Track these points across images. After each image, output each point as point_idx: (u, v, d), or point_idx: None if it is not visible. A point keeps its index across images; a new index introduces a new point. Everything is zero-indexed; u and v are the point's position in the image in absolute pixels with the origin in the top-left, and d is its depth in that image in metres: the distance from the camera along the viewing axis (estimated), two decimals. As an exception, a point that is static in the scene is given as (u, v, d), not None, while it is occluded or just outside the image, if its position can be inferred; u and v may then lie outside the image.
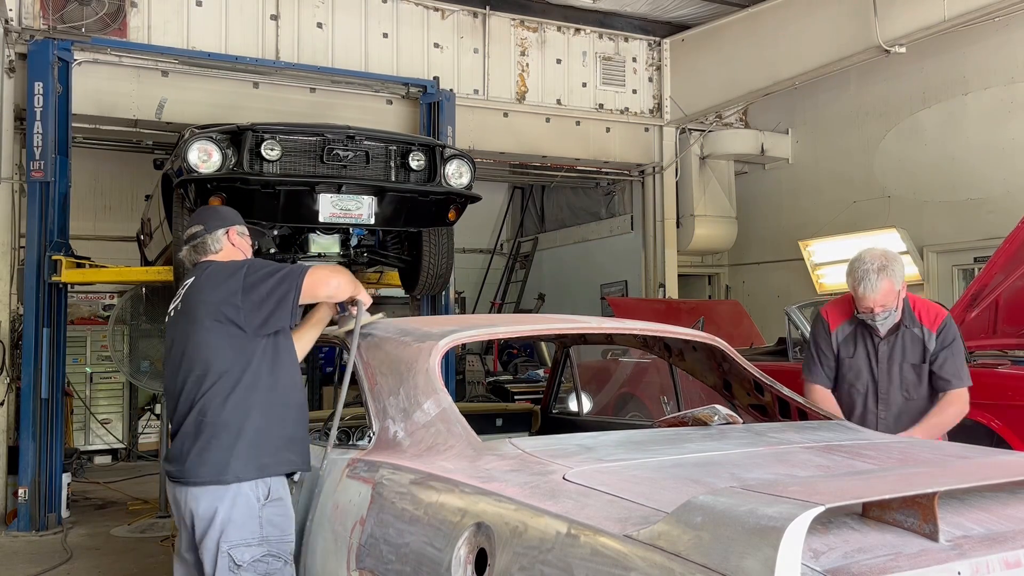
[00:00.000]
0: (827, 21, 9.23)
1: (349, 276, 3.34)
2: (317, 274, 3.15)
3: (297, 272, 3.11)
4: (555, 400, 5.20)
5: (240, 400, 3.03)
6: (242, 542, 2.93)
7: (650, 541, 1.85)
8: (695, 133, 11.64)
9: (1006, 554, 1.82)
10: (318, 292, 3.17)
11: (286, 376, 3.16)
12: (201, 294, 3.14)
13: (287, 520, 3.05)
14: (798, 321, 6.51)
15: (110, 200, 12.87)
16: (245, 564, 2.91)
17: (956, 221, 9.54)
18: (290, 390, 3.18)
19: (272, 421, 3.07)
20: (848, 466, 2.56)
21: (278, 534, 3.00)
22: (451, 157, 6.45)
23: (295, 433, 3.16)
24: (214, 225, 3.34)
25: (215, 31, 8.85)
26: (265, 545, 2.96)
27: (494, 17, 10.32)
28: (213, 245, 3.31)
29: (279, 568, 2.97)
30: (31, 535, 7.12)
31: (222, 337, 3.06)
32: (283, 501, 3.05)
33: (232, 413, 3.01)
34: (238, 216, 3.49)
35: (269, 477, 3.02)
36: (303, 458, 3.17)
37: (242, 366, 3.05)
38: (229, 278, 3.09)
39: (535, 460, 2.55)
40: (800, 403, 3.71)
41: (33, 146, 7.52)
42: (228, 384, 3.03)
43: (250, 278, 3.07)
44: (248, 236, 3.47)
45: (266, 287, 3.05)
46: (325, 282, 3.16)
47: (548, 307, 14.06)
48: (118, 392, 11.41)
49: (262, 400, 3.06)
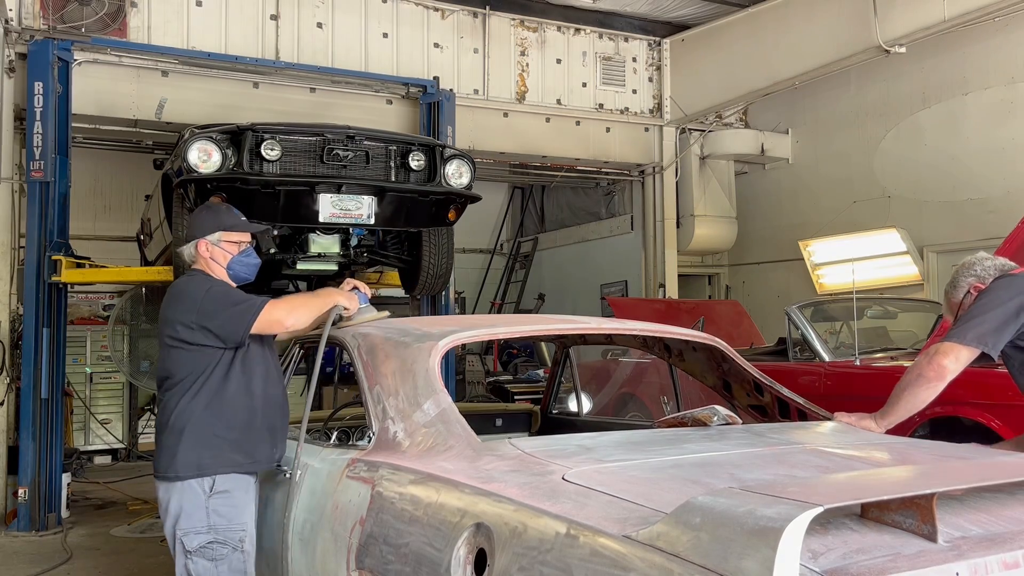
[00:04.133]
0: (827, 21, 9.23)
1: (315, 304, 3.46)
2: (274, 313, 3.29)
3: (255, 308, 3.26)
4: (555, 400, 5.20)
5: (186, 405, 3.25)
6: (191, 529, 3.20)
7: (649, 542, 1.85)
8: (695, 133, 11.64)
9: (1004, 555, 1.82)
10: (273, 329, 3.37)
11: (239, 384, 3.31)
12: (164, 310, 3.38)
13: (235, 510, 3.25)
14: (798, 321, 6.51)
15: (110, 200, 12.87)
16: (194, 549, 3.18)
17: (956, 221, 9.53)
18: (243, 397, 3.32)
19: (215, 425, 3.25)
20: (847, 467, 2.56)
21: (225, 523, 3.22)
22: (451, 157, 6.45)
23: (243, 436, 3.30)
24: (190, 235, 3.50)
25: (215, 31, 8.85)
26: (212, 533, 3.20)
27: (494, 17, 10.32)
28: (188, 258, 3.49)
29: (226, 554, 3.20)
30: (31, 535, 7.12)
31: (179, 351, 3.29)
32: (230, 493, 3.25)
33: (179, 417, 3.25)
34: (220, 220, 3.50)
35: (209, 476, 3.22)
36: (254, 458, 3.33)
37: (195, 375, 3.27)
38: (188, 301, 3.29)
39: (535, 460, 2.56)
40: (800, 404, 3.71)
41: (33, 146, 7.52)
42: (180, 391, 3.27)
43: (206, 305, 3.25)
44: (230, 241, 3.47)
45: (220, 319, 3.24)
46: (281, 322, 3.33)
47: (548, 307, 14.06)
48: (118, 392, 11.42)
49: (208, 406, 3.26)
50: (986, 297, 3.43)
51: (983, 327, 3.30)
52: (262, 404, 3.36)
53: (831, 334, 6.90)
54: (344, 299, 3.52)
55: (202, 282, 3.37)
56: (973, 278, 3.57)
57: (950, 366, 3.27)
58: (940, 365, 3.27)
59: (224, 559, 3.19)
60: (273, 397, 3.43)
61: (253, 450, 3.32)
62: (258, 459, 3.34)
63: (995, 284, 3.49)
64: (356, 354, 3.39)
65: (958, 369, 3.29)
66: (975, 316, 3.36)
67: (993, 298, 3.40)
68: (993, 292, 3.44)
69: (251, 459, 3.32)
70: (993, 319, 3.32)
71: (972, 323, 3.33)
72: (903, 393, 3.32)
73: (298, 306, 3.43)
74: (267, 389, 3.40)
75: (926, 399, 3.32)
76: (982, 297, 3.45)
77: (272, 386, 3.44)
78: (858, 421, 3.32)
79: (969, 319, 3.37)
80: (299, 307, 3.42)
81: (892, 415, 3.32)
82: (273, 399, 3.43)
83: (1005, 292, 3.41)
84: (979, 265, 3.59)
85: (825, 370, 6.15)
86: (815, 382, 6.11)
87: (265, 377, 3.40)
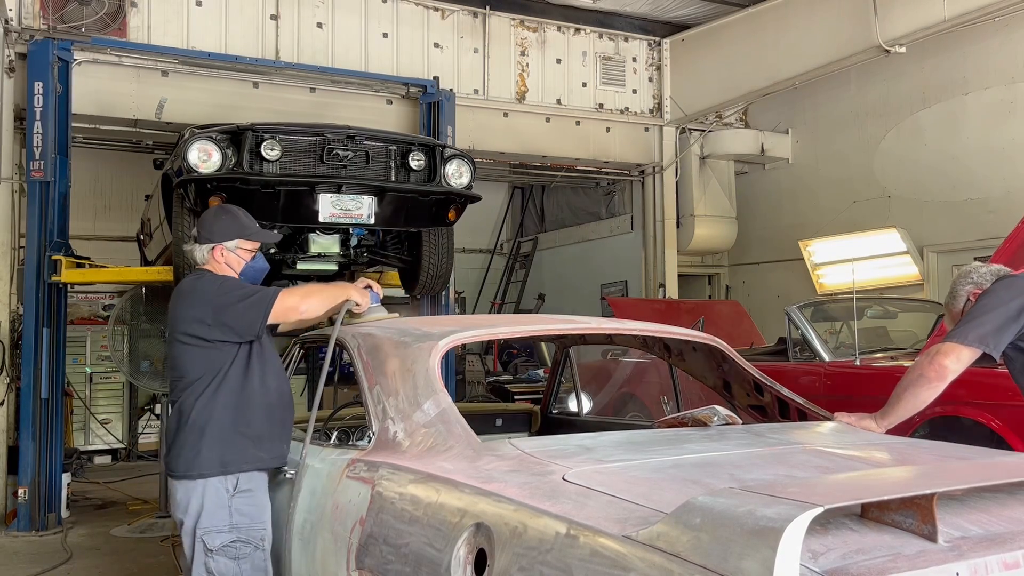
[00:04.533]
0: (827, 21, 9.23)
1: (328, 293, 3.48)
2: (288, 300, 3.29)
3: (269, 297, 3.25)
4: (555, 400, 5.20)
5: (206, 403, 3.25)
6: (213, 528, 3.19)
7: (649, 542, 1.85)
8: (695, 133, 11.64)
9: (1004, 555, 1.82)
10: (288, 317, 3.36)
11: (258, 380, 3.32)
12: (176, 308, 3.37)
13: (257, 509, 3.27)
14: (798, 321, 6.51)
15: (110, 200, 12.86)
16: (216, 548, 3.17)
17: (956, 221, 9.53)
18: (261, 393, 3.33)
19: (238, 422, 3.26)
20: (847, 467, 2.56)
21: (247, 522, 3.23)
22: (451, 157, 6.45)
23: (264, 432, 3.31)
24: (204, 238, 3.47)
25: (215, 31, 8.85)
26: (235, 532, 3.20)
27: (494, 17, 10.32)
28: (199, 258, 3.48)
29: (248, 553, 3.21)
30: (31, 535, 7.12)
31: (193, 348, 3.29)
32: (253, 492, 3.26)
33: (199, 415, 3.25)
34: (240, 227, 3.50)
35: (233, 473, 3.22)
36: (273, 454, 3.34)
37: (212, 373, 3.27)
38: (202, 297, 3.28)
39: (535, 460, 2.56)
40: (800, 404, 3.71)
41: (33, 146, 7.52)
42: (198, 389, 3.27)
43: (220, 299, 3.25)
44: (245, 248, 3.49)
45: (235, 311, 3.23)
46: (295, 308, 3.32)
47: (548, 307, 14.06)
48: (118, 392, 11.41)
49: (228, 403, 3.26)
50: (987, 298, 3.42)
51: (984, 328, 3.29)
52: (277, 400, 3.39)
53: (831, 334, 6.90)
54: (357, 294, 3.53)
55: (212, 279, 3.38)
56: (971, 285, 3.57)
57: (951, 366, 3.25)
58: (941, 365, 3.26)
59: (247, 558, 3.20)
60: (284, 394, 3.46)
61: (272, 446, 3.34)
62: (276, 455, 3.36)
63: (995, 285, 3.49)
64: (356, 354, 3.39)
65: (959, 369, 3.27)
66: (976, 317, 3.34)
67: (994, 299, 3.39)
68: (994, 293, 3.43)
69: (271, 455, 3.34)
70: (994, 319, 3.31)
71: (973, 324, 3.32)
72: (904, 393, 3.31)
73: (312, 293, 3.45)
74: (280, 385, 3.44)
75: (927, 399, 3.30)
76: (983, 298, 3.43)
77: (283, 382, 3.47)
78: (858, 421, 3.31)
79: (970, 320, 3.35)
80: (313, 294, 3.44)
81: (893, 415, 3.31)
82: (285, 395, 3.46)
83: (1006, 292, 3.41)
84: (975, 273, 3.60)
85: (825, 370, 6.15)
86: (815, 382, 6.11)
87: (278, 373, 3.43)
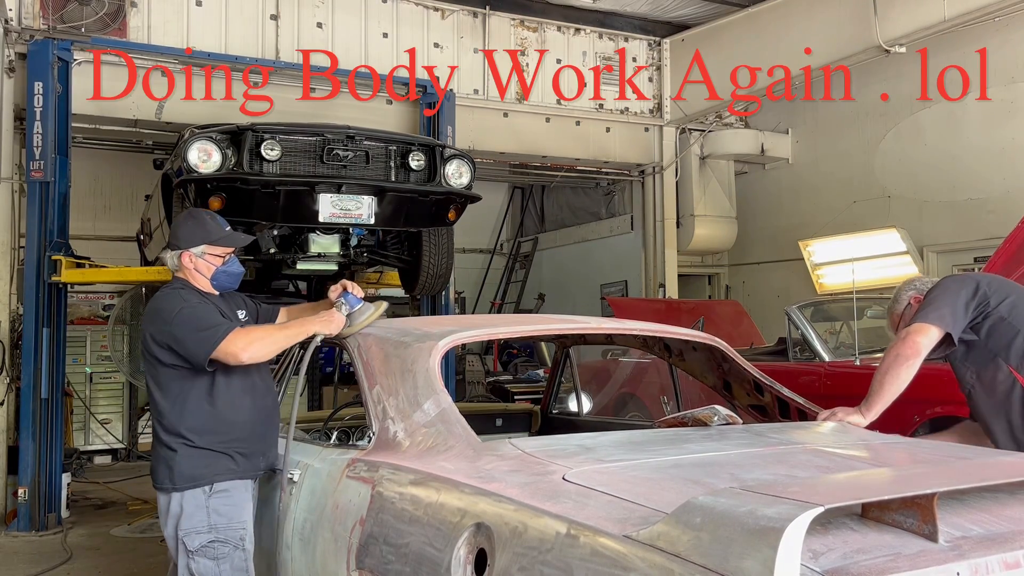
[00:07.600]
0: (827, 21, 9.22)
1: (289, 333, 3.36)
2: (234, 344, 3.17)
3: (219, 334, 3.18)
4: (555, 400, 5.20)
5: (176, 420, 3.27)
6: (192, 530, 3.22)
7: (650, 542, 1.85)
8: (695, 133, 11.64)
9: (1005, 555, 1.82)
10: (228, 361, 3.22)
11: (228, 398, 3.31)
12: (145, 325, 3.39)
13: (235, 509, 3.28)
14: (798, 321, 6.51)
15: (110, 200, 12.86)
16: (196, 549, 3.20)
17: (956, 221, 9.54)
18: (233, 410, 3.32)
19: (207, 440, 3.26)
20: (847, 467, 2.56)
21: (225, 522, 3.25)
22: (451, 157, 6.45)
23: (240, 447, 3.32)
24: (173, 244, 3.46)
25: (215, 31, 8.84)
26: (213, 532, 3.22)
27: (494, 17, 10.32)
28: (171, 264, 3.47)
29: (227, 553, 3.23)
30: (31, 535, 7.12)
31: (158, 366, 3.30)
32: (229, 493, 3.28)
33: (168, 432, 3.28)
34: (205, 233, 3.43)
35: (204, 485, 3.25)
36: (246, 467, 3.34)
37: (177, 390, 3.28)
38: (160, 318, 3.29)
39: (535, 460, 2.56)
40: (800, 403, 3.71)
41: (33, 146, 7.52)
42: (168, 406, 3.28)
43: (175, 328, 3.23)
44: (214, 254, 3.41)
45: (186, 342, 3.21)
46: (234, 355, 3.18)
47: (548, 307, 14.06)
48: (118, 392, 11.42)
49: (198, 421, 3.27)
50: (936, 290, 3.53)
51: (941, 310, 3.41)
52: (252, 415, 3.37)
53: (831, 334, 6.90)
54: (319, 326, 3.39)
55: (176, 301, 3.29)
56: (913, 291, 3.68)
57: (923, 342, 3.35)
58: (915, 342, 3.35)
59: (226, 558, 3.22)
60: (262, 408, 3.43)
61: (246, 459, 3.34)
62: (250, 467, 3.36)
63: (943, 280, 3.61)
64: (356, 354, 3.39)
65: (930, 346, 3.37)
66: (928, 304, 3.46)
67: (942, 290, 3.51)
68: (941, 285, 3.56)
69: (244, 467, 3.33)
70: (946, 303, 3.42)
71: (928, 308, 3.43)
72: (884, 378, 3.35)
73: (261, 339, 3.25)
74: (256, 401, 3.39)
75: (907, 379, 3.35)
76: (933, 290, 3.54)
77: (260, 397, 3.42)
78: (845, 416, 3.31)
79: (926, 306, 3.46)
80: (262, 340, 3.25)
81: (878, 403, 3.33)
82: (263, 409, 3.43)
83: (953, 283, 3.54)
84: (919, 281, 3.76)
85: (825, 370, 6.15)
86: (815, 382, 6.10)
87: (252, 390, 3.38)
